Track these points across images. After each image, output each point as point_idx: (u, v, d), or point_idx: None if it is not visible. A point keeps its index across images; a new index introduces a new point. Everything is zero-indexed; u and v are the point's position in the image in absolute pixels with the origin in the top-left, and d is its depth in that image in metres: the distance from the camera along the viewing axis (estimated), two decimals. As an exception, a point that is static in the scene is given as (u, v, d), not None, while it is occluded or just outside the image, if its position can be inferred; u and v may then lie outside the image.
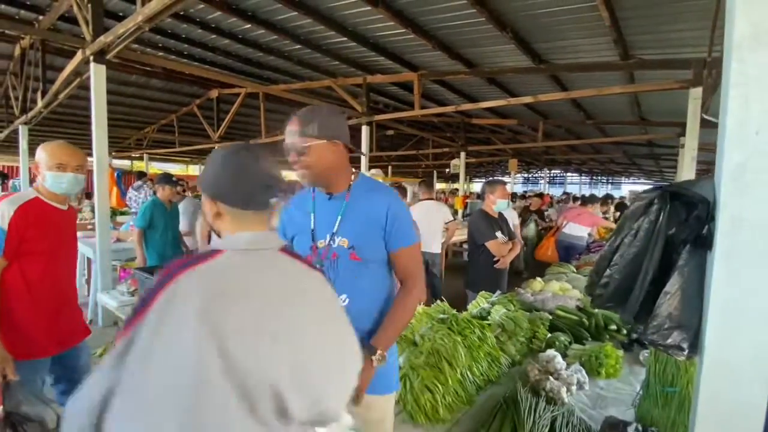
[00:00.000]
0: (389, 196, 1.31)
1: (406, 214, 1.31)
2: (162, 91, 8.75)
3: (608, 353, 1.90)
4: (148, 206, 3.91)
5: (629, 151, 13.99)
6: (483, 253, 2.89)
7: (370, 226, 1.26)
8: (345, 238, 1.27)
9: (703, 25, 3.36)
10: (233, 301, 0.70)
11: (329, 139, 1.23)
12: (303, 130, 1.22)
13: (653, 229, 0.88)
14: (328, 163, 1.24)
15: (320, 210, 1.34)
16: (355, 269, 1.27)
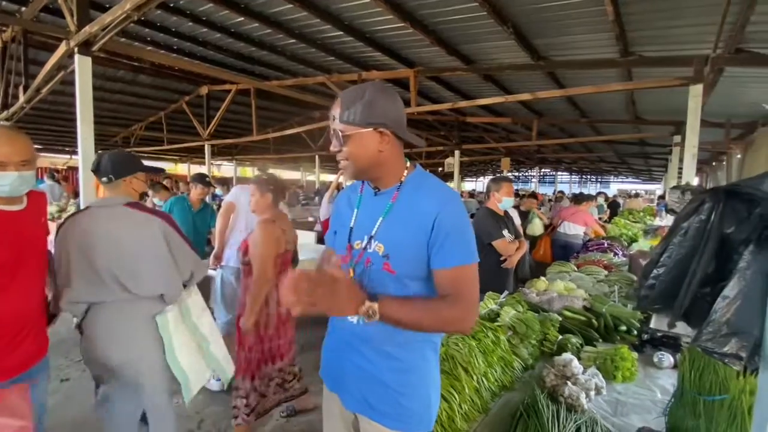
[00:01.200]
0: (444, 199, 1.05)
1: (463, 225, 1.05)
2: (150, 87, 8.53)
3: (624, 356, 1.83)
4: (173, 202, 3.80)
5: (620, 150, 14.13)
6: (489, 252, 2.81)
7: (412, 236, 1.03)
8: (381, 243, 1.07)
9: (706, 20, 3.34)
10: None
11: (375, 126, 1.03)
12: (343, 115, 1.04)
13: (704, 228, 0.81)
14: (372, 155, 1.05)
15: (365, 206, 1.16)
16: (387, 283, 1.06)
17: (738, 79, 4.87)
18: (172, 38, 5.68)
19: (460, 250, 1.03)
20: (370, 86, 1.05)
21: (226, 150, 15.48)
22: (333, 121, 1.07)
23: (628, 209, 10.79)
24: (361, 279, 1.09)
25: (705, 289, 0.81)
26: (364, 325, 1.08)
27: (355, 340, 1.14)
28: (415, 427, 1.12)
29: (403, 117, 1.10)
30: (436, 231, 1.02)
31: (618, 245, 5.20)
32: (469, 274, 1.04)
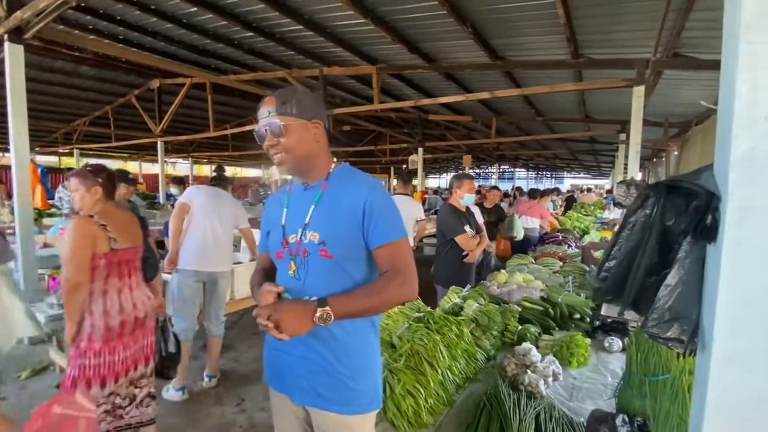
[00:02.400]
0: (369, 186, 1.16)
1: (389, 206, 1.17)
2: (94, 80, 7.94)
3: (578, 343, 1.93)
4: None
5: (572, 147, 14.91)
6: (452, 247, 2.87)
7: (345, 220, 1.13)
8: (316, 232, 1.14)
9: (647, 26, 3.58)
10: None
11: (309, 118, 1.14)
12: (281, 109, 1.11)
13: (648, 221, 0.86)
14: (309, 146, 1.15)
15: (295, 202, 1.24)
16: (326, 269, 1.13)
17: (675, 81, 5.27)
18: (118, 27, 5.31)
19: (393, 227, 1.14)
20: (299, 87, 1.21)
21: (181, 147, 14.74)
22: (268, 117, 1.12)
23: (581, 203, 11.42)
24: (299, 270, 1.16)
25: (651, 278, 0.86)
26: None
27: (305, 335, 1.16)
28: (365, 408, 1.18)
29: (327, 116, 1.21)
30: (368, 214, 1.12)
31: (571, 237, 5.49)
32: (403, 247, 1.15)
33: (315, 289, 1.13)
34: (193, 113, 9.77)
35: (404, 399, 1.37)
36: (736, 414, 0.71)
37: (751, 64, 0.68)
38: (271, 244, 1.26)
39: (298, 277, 1.16)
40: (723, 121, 0.76)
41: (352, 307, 1.06)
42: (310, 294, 1.12)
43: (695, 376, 0.82)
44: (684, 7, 2.77)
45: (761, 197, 0.68)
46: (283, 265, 1.21)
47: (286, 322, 0.99)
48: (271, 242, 1.26)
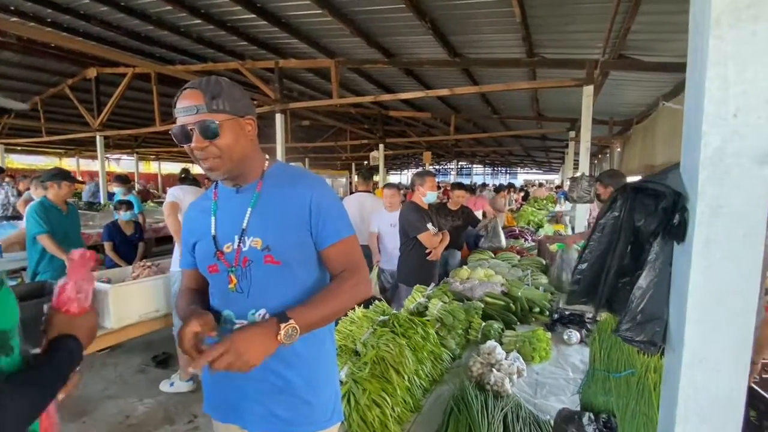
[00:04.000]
0: (312, 184, 1.07)
1: (334, 204, 1.09)
2: (19, 67, 7.13)
3: (540, 337, 1.96)
4: (38, 209, 3.00)
5: (526, 143, 15.52)
6: (415, 246, 2.83)
7: (290, 221, 1.03)
8: (258, 237, 1.02)
9: (596, 27, 3.73)
10: None
11: (243, 114, 1.01)
12: (212, 105, 0.95)
13: (617, 223, 0.85)
14: (244, 146, 1.02)
15: (225, 207, 1.09)
16: (273, 276, 1.02)
17: (618, 81, 5.57)
18: (45, 9, 4.78)
19: (341, 224, 1.08)
20: (221, 79, 1.01)
21: (124, 142, 13.70)
22: (195, 114, 0.95)
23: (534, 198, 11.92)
24: (240, 281, 1.03)
25: (624, 279, 0.85)
26: None
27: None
28: (328, 422, 1.10)
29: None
30: (315, 212, 1.04)
31: (527, 231, 5.68)
32: (354, 244, 1.10)
33: (262, 300, 1.03)
34: (138, 105, 9.09)
35: (370, 410, 1.30)
36: (706, 414, 0.71)
37: (720, 60, 0.66)
38: (199, 257, 1.10)
39: (240, 289, 1.03)
40: (690, 119, 0.74)
41: (315, 316, 0.97)
42: (257, 307, 1.03)
43: (663, 377, 0.82)
44: (630, 9, 2.89)
45: (730, 196, 0.67)
46: (220, 279, 1.06)
47: (247, 354, 0.85)
48: (199, 255, 1.10)
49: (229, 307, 1.06)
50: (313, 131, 12.17)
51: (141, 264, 2.88)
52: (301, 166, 1.21)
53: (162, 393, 2.83)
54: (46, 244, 2.97)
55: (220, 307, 1.08)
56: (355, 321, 1.72)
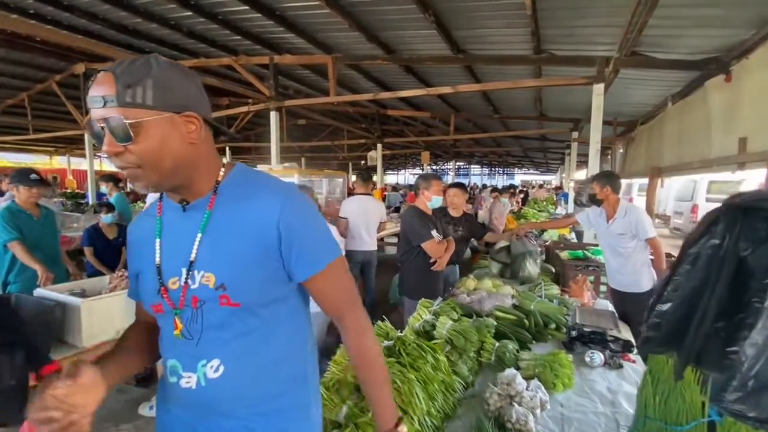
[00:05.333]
0: (280, 196, 0.82)
1: (311, 221, 0.85)
2: (4, 62, 6.85)
3: (563, 362, 1.75)
4: (4, 215, 2.73)
5: (525, 144, 15.35)
6: (418, 255, 2.61)
7: (252, 249, 0.80)
8: (209, 272, 0.79)
9: (610, 22, 3.53)
10: None
11: (178, 109, 0.75)
12: (125, 96, 0.70)
13: (717, 253, 0.63)
14: (179, 151, 0.76)
15: (171, 228, 0.85)
16: (231, 320, 0.80)
17: (625, 81, 5.37)
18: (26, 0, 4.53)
19: (323, 246, 0.86)
20: (155, 58, 0.75)
21: (116, 140, 13.38)
22: (103, 107, 0.70)
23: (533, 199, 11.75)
24: (189, 325, 0.81)
25: (718, 323, 0.63)
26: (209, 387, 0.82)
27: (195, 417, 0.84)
28: None
29: (206, 99, 0.82)
30: (286, 235, 0.80)
31: (531, 235, 5.47)
32: (341, 268, 0.89)
33: (215, 349, 0.81)
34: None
35: (374, 463, 1.07)
36: None
37: None
38: (142, 292, 0.88)
39: (189, 335, 0.81)
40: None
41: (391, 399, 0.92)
42: (209, 357, 0.81)
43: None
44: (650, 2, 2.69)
45: None
46: (164, 321, 0.85)
47: None
48: (142, 289, 0.88)
49: (176, 355, 0.84)
50: (310, 130, 11.93)
51: (119, 274, 2.63)
52: (265, 172, 0.93)
53: (141, 417, 2.59)
54: (17, 251, 2.72)
55: (165, 354, 0.87)
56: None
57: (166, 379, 0.87)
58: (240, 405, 0.82)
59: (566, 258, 3.44)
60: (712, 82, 3.72)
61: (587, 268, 3.09)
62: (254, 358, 0.82)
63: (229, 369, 0.81)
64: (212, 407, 0.82)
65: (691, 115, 4.28)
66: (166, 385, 0.87)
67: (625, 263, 2.85)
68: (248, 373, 0.82)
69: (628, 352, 2.06)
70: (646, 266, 2.88)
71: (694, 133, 4.22)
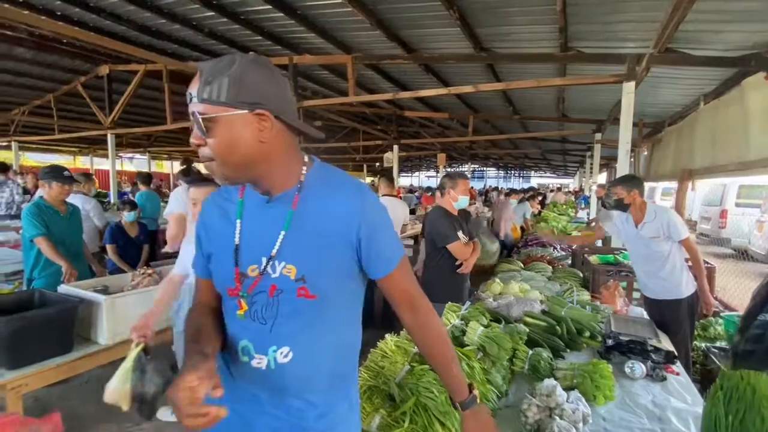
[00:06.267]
0: (361, 197, 0.87)
1: (387, 221, 0.91)
2: (32, 64, 7.03)
3: (604, 373, 1.64)
4: (32, 210, 2.75)
5: (543, 146, 15.06)
6: (443, 256, 2.52)
7: (332, 246, 0.84)
8: (291, 264, 0.83)
9: (645, 17, 3.38)
10: None
11: (250, 106, 0.76)
12: (204, 92, 0.75)
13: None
14: (249, 147, 0.78)
15: (253, 217, 0.88)
16: (306, 312, 0.85)
17: (654, 80, 5.18)
18: (54, 1, 4.63)
19: (396, 246, 0.93)
20: (241, 56, 0.80)
21: (137, 141, 13.66)
22: (190, 103, 0.77)
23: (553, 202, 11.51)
24: (262, 312, 0.86)
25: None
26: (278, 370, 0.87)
27: (265, 393, 0.90)
28: None
29: (291, 99, 0.87)
30: (366, 236, 0.85)
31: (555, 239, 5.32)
32: (407, 265, 0.95)
33: (287, 338, 0.86)
34: (150, 104, 8.97)
35: (412, 479, 1.00)
36: None
37: None
38: (217, 274, 0.91)
39: (263, 320, 0.86)
40: None
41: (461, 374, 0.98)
42: (280, 344, 0.86)
43: None
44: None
45: None
46: (234, 303, 0.89)
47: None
48: (216, 272, 0.91)
49: (249, 337, 0.88)
50: (326, 131, 11.95)
51: (141, 271, 2.62)
52: (341, 170, 0.96)
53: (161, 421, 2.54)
54: (43, 247, 2.74)
55: (237, 335, 0.90)
56: (387, 354, 1.42)
57: (237, 358, 0.89)
58: (306, 388, 0.88)
59: (596, 263, 3.30)
60: (750, 80, 3.53)
61: (619, 273, 2.95)
62: (321, 347, 0.88)
63: (297, 356, 0.86)
64: (281, 387, 0.88)
65: (726, 115, 4.08)
66: (237, 363, 0.90)
67: (661, 268, 2.68)
68: (315, 361, 0.88)
69: (671, 364, 1.93)
70: (685, 269, 2.71)
71: (729, 134, 4.02)
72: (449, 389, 0.97)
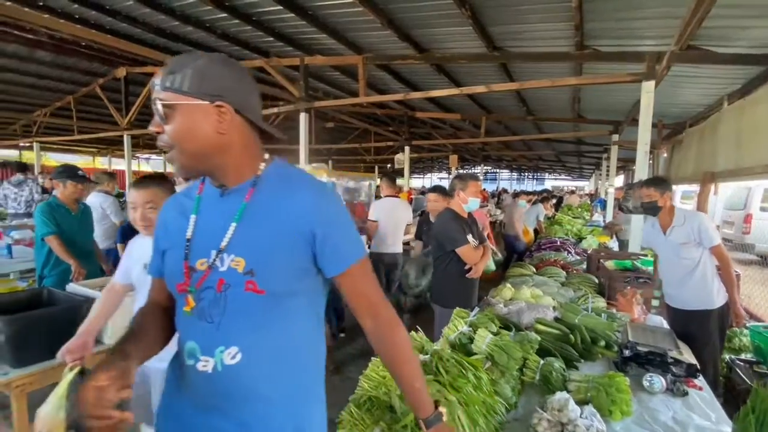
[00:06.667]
0: (317, 193, 0.86)
1: (345, 219, 0.90)
2: (52, 66, 7.23)
3: (621, 387, 1.54)
4: (44, 209, 2.80)
5: (558, 148, 14.79)
6: (452, 261, 2.45)
7: (284, 241, 0.83)
8: (240, 257, 0.83)
9: (666, 13, 3.25)
10: None
11: (211, 97, 0.79)
12: (167, 81, 0.78)
13: None
14: (207, 137, 0.80)
15: (207, 211, 0.89)
16: (255, 309, 0.83)
17: (675, 79, 5.00)
18: (72, 4, 4.72)
19: (354, 245, 0.89)
20: (209, 54, 0.83)
21: (153, 142, 13.91)
22: (154, 91, 0.80)
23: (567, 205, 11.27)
24: (210, 309, 0.83)
25: None
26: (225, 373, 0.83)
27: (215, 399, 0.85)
28: None
29: (254, 99, 0.87)
30: (322, 230, 0.84)
31: (569, 243, 5.17)
32: (367, 267, 0.92)
33: (235, 336, 0.83)
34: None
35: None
36: None
37: None
38: (168, 270, 0.90)
39: (210, 318, 0.83)
40: None
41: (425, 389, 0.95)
42: (228, 344, 0.83)
43: None
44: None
45: None
46: (183, 300, 0.87)
47: None
48: (168, 268, 0.90)
49: (195, 338, 0.85)
50: (337, 133, 11.96)
51: (149, 272, 2.62)
52: (302, 169, 0.96)
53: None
54: (54, 245, 2.77)
55: (183, 336, 0.89)
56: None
57: (182, 360, 0.87)
58: (252, 395, 0.83)
59: (612, 268, 3.18)
60: (780, 78, 3.38)
61: (637, 280, 2.82)
62: (272, 348, 0.84)
63: (246, 358, 0.82)
64: (226, 394, 0.83)
65: (753, 115, 3.90)
66: (182, 366, 0.87)
67: (691, 276, 2.53)
68: (265, 364, 0.84)
69: (693, 378, 1.82)
70: (716, 278, 2.56)
71: (756, 135, 3.85)
72: (411, 405, 0.94)
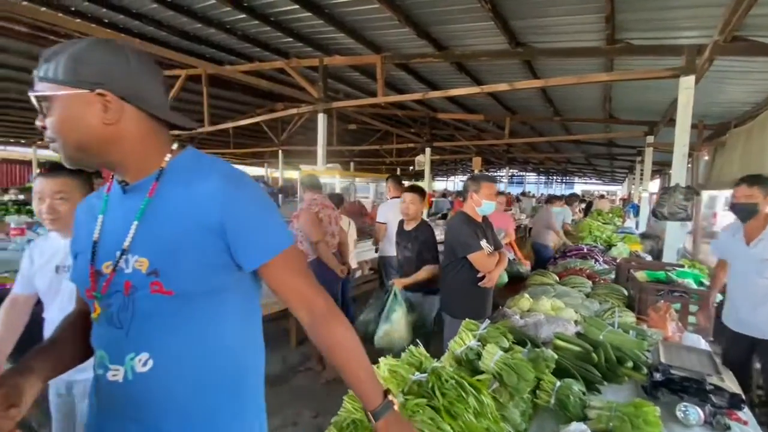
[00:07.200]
0: (222, 179, 0.79)
1: (259, 207, 0.82)
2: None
3: (649, 419, 1.35)
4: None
5: (588, 150, 14.19)
6: (464, 267, 2.29)
7: (189, 236, 0.77)
8: (143, 257, 0.77)
9: (704, 1, 2.97)
10: None
11: (90, 85, 0.72)
12: (41, 70, 0.73)
13: None
14: (90, 129, 0.74)
15: (112, 211, 0.84)
16: (165, 311, 0.77)
17: (717, 75, 4.62)
18: (101, 8, 4.87)
19: (277, 231, 0.83)
20: (90, 38, 0.77)
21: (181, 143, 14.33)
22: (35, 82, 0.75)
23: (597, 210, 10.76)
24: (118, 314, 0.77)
25: None
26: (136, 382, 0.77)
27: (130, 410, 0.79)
28: None
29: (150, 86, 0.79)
30: (231, 221, 0.77)
31: (597, 251, 4.86)
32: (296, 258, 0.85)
33: (146, 342, 0.77)
34: (189, 107, 9.32)
35: None
36: None
37: None
38: (76, 274, 0.86)
39: (119, 324, 0.77)
40: None
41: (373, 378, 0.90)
42: (138, 350, 0.77)
43: None
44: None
45: None
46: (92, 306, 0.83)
47: None
48: (77, 272, 0.86)
49: (104, 346, 0.80)
50: (360, 135, 11.93)
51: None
52: (217, 158, 0.87)
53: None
54: None
55: (95, 344, 0.84)
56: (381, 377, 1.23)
57: (94, 370, 0.83)
58: (168, 404, 0.78)
59: (644, 279, 2.91)
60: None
61: (672, 293, 2.57)
62: (188, 353, 0.78)
63: (158, 364, 0.77)
64: (138, 405, 0.78)
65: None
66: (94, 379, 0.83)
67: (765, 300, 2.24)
68: (179, 371, 0.78)
69: (737, 410, 1.59)
70: None
71: (811, 135, 3.48)
72: (360, 398, 0.88)
